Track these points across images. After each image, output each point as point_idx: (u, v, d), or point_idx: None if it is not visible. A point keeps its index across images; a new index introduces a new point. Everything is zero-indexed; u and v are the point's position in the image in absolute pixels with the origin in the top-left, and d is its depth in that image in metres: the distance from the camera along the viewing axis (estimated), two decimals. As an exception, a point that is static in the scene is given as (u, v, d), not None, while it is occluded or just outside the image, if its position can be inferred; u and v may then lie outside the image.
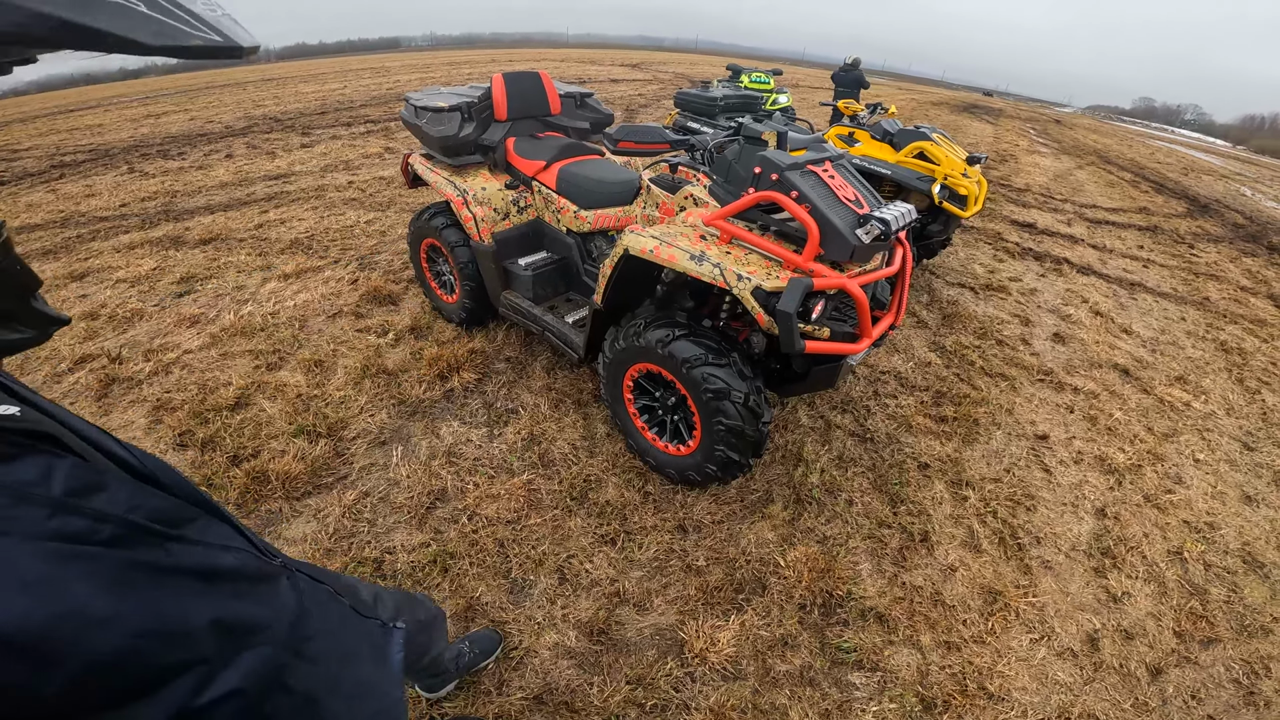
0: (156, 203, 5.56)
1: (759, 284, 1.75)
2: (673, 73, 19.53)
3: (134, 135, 9.38)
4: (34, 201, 5.91)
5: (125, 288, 3.77)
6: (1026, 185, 8.58)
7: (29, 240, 4.76)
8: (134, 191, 5.98)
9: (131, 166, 7.10)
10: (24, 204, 5.85)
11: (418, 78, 16.49)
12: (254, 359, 2.97)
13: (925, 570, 2.10)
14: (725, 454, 2.02)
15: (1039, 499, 2.46)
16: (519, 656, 1.73)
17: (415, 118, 2.84)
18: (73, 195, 6.03)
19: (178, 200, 5.62)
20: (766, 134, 2.09)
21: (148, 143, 8.62)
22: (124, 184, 6.33)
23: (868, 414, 2.84)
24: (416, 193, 5.62)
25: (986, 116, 18.68)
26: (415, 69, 19.85)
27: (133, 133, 9.67)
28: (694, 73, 19.55)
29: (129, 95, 17.65)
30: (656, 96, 13.22)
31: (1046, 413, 3.02)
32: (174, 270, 3.98)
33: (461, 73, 17.71)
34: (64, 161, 7.79)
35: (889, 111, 4.93)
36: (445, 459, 2.41)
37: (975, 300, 4.24)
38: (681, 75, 18.50)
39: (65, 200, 5.86)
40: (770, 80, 7.26)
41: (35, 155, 8.49)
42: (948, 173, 3.88)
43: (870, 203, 1.97)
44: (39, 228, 5.08)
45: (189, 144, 8.33)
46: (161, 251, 4.33)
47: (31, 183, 6.74)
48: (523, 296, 2.74)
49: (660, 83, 16.45)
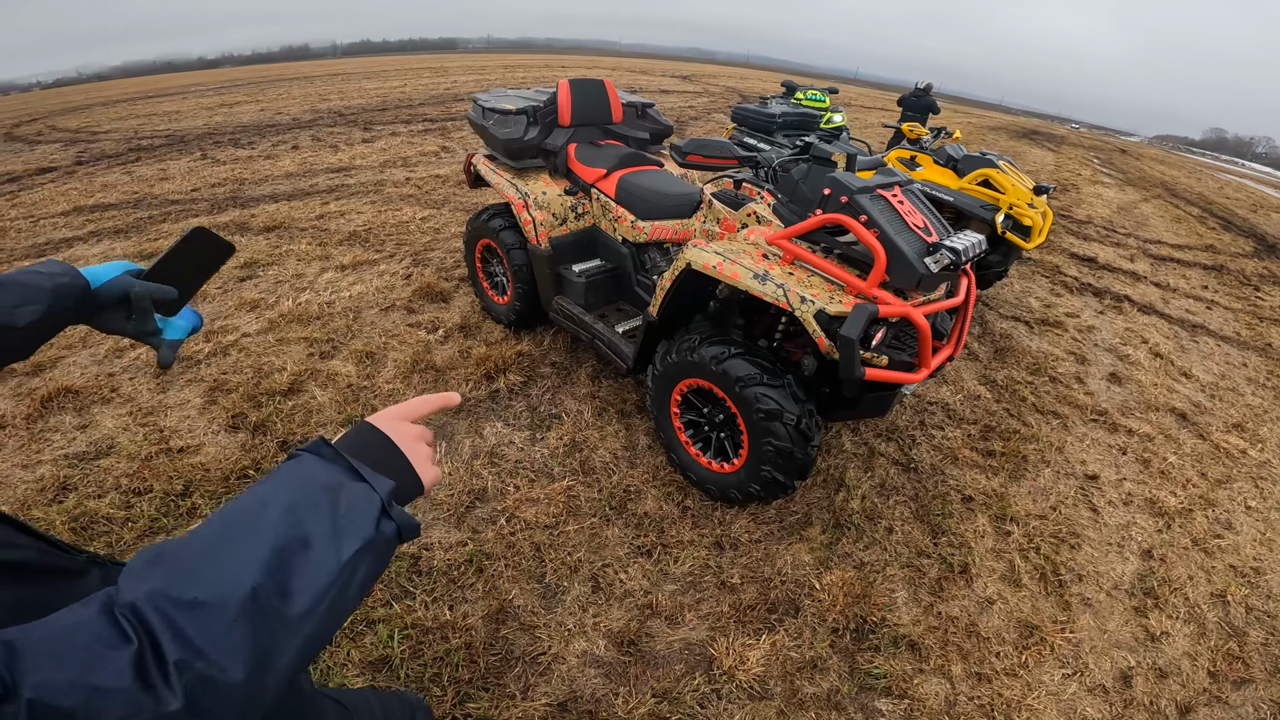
0: (225, 189, 5.81)
1: (822, 307, 1.73)
2: (724, 86, 19.53)
3: (208, 123, 9.84)
4: (109, 182, 6.23)
5: (192, 269, 3.92)
6: (1088, 217, 8.26)
7: (102, 219, 5.01)
8: (205, 177, 6.25)
9: (204, 153, 7.44)
10: (100, 184, 6.17)
11: (474, 79, 16.90)
12: (308, 346, 3.05)
13: (962, 601, 2.06)
14: (771, 474, 2.00)
15: (1084, 537, 2.41)
16: (547, 662, 1.73)
17: (482, 119, 2.89)
18: (147, 178, 6.34)
19: (245, 188, 5.86)
20: (836, 155, 2.06)
21: (220, 131, 9.03)
22: (196, 169, 6.63)
23: (913, 443, 2.78)
24: (470, 191, 5.74)
25: (1048, 143, 18.11)
26: (471, 70, 20.36)
27: (207, 120, 10.15)
28: (745, 87, 19.51)
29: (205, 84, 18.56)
30: (707, 109, 13.22)
31: (1098, 453, 2.95)
32: (238, 255, 4.13)
33: (516, 76, 18.08)
34: (141, 145, 8.21)
35: (954, 136, 4.82)
36: (487, 459, 2.42)
37: (1030, 335, 4.10)
38: (732, 89, 18.47)
39: (139, 182, 6.16)
40: (826, 98, 7.19)
41: (114, 138, 8.97)
42: (1013, 202, 3.76)
43: (939, 231, 1.93)
44: (112, 207, 5.35)
45: (259, 134, 8.68)
46: (227, 236, 4.50)
47: (109, 164, 7.12)
48: (574, 303, 2.74)
49: (711, 95, 16.46)
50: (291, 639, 0.46)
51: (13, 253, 4.32)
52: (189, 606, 0.43)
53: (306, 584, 0.47)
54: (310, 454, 0.55)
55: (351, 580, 0.50)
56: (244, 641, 0.43)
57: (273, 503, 0.50)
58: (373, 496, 0.53)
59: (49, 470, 2.25)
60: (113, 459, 2.32)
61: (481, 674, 1.67)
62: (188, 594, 0.43)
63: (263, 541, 0.47)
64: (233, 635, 0.43)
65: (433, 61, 27.07)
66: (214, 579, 0.44)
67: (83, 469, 2.27)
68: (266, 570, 0.46)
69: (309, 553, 0.48)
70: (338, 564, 0.49)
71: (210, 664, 0.42)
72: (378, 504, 0.53)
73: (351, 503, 0.52)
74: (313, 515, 0.50)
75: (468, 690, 1.63)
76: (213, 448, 2.39)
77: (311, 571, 0.48)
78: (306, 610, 0.47)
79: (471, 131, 8.74)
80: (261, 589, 0.45)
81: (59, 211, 5.28)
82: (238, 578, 0.45)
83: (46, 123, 11.28)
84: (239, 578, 0.45)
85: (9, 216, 5.20)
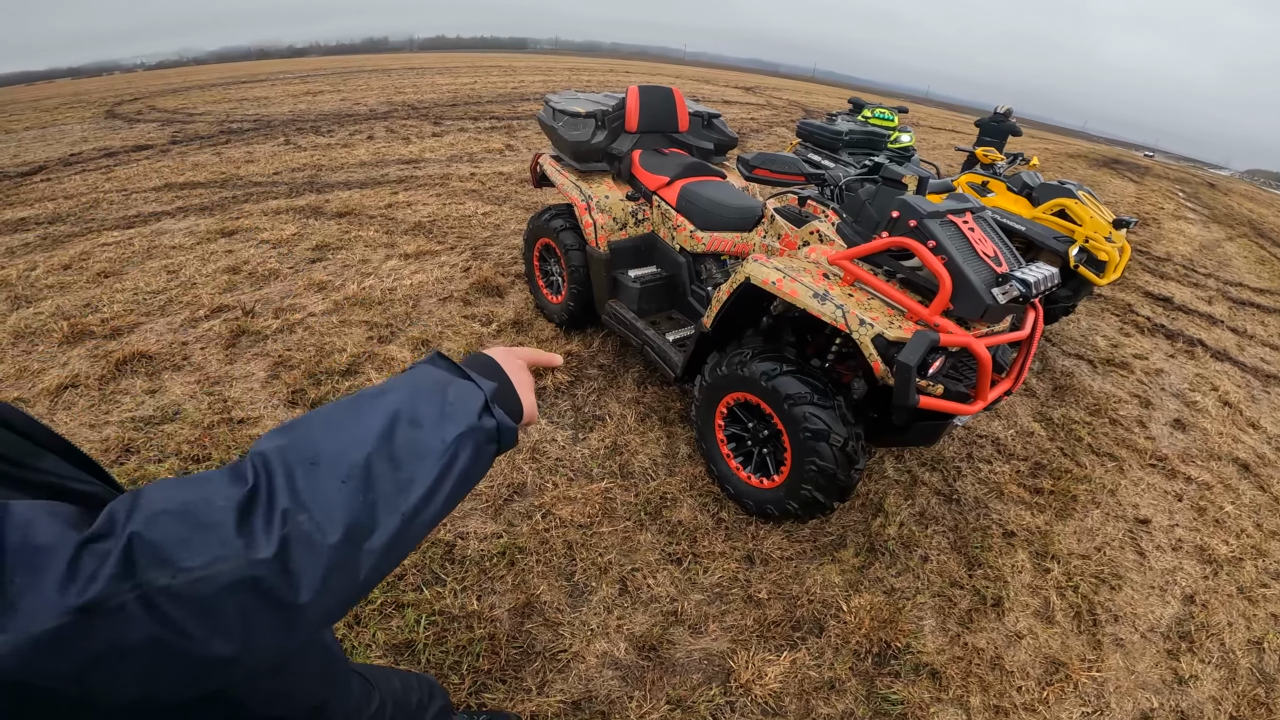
0: (304, 174, 6.11)
1: (881, 331, 1.71)
2: (787, 99, 19.33)
3: (293, 110, 10.39)
4: (200, 162, 6.64)
5: (267, 249, 4.15)
6: (1167, 254, 7.80)
7: (190, 196, 5.35)
8: (286, 162, 6.59)
9: (287, 139, 7.86)
10: (190, 163, 6.59)
11: (540, 79, 17.27)
12: (368, 329, 3.18)
13: (990, 634, 2.03)
14: (811, 494, 1.98)
15: (1126, 579, 2.35)
16: (566, 660, 1.75)
17: (552, 119, 2.95)
18: (234, 160, 6.73)
19: (322, 174, 6.15)
20: (907, 178, 2.02)
21: (303, 118, 9.51)
22: (279, 154, 7.00)
23: (958, 475, 2.72)
24: (530, 190, 5.86)
25: (1130, 174, 17.19)
26: (539, 71, 20.82)
27: (292, 107, 10.71)
28: (809, 102, 19.27)
29: (292, 72, 19.58)
30: (769, 122, 13.12)
31: (1152, 498, 2.84)
32: (311, 238, 4.34)
33: (581, 78, 18.37)
34: (231, 128, 8.72)
35: (1030, 163, 4.63)
36: (529, 455, 2.46)
37: (1092, 374, 3.92)
38: (796, 103, 18.27)
39: (227, 163, 6.55)
40: (894, 117, 7.03)
41: (207, 120, 9.57)
42: (1090, 235, 3.59)
43: (1010, 261, 1.88)
44: (200, 186, 5.70)
45: (338, 122, 9.11)
46: (302, 219, 4.74)
47: (200, 145, 7.60)
48: (627, 308, 2.76)
49: (774, 108, 16.32)
50: (389, 516, 0.50)
51: (103, 223, 4.64)
52: (309, 463, 0.47)
53: (414, 456, 0.52)
54: (427, 362, 0.63)
55: (452, 466, 0.55)
56: (347, 504, 0.47)
57: (392, 391, 0.56)
58: (477, 392, 0.60)
59: (115, 432, 2.39)
60: (177, 425, 2.45)
61: (501, 666, 1.70)
62: (309, 452, 0.48)
63: (380, 416, 0.53)
64: (339, 496, 0.47)
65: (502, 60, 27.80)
66: (335, 443, 0.50)
67: (147, 433, 2.40)
68: (381, 439, 0.51)
69: (419, 430, 0.54)
70: (442, 444, 0.54)
71: (311, 520, 0.45)
72: (481, 398, 0.60)
73: (459, 394, 0.59)
74: (425, 401, 0.56)
75: (485, 681, 1.66)
76: (271, 421, 2.51)
77: (420, 446, 0.53)
78: (409, 481, 0.51)
79: (535, 131, 8.97)
80: (375, 456, 0.50)
81: (150, 187, 5.66)
82: (356, 444, 0.50)
83: (146, 102, 12.14)
84: (357, 444, 0.50)
85: (103, 189, 5.60)
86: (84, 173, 6.30)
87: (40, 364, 2.83)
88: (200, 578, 0.40)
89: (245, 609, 0.42)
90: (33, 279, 3.67)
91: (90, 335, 3.06)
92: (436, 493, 0.53)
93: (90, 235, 4.38)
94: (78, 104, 12.76)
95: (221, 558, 0.41)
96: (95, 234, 4.41)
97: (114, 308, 3.34)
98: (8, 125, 10.10)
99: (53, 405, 2.57)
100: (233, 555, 0.42)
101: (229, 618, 0.41)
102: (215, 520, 0.42)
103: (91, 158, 7.04)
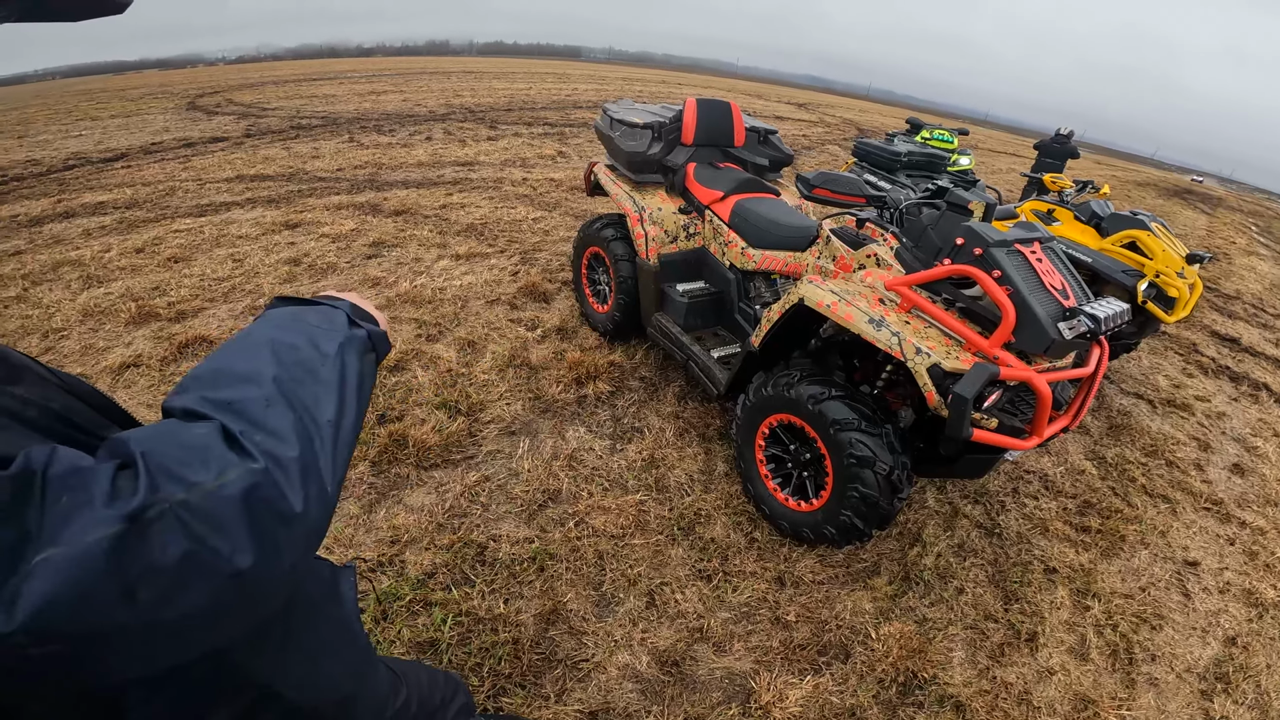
0: (365, 172, 6.33)
1: (938, 361, 1.66)
2: (841, 117, 19.08)
3: (358, 109, 10.80)
4: (270, 155, 6.96)
5: (326, 242, 4.30)
6: (1237, 292, 7.35)
7: (259, 188, 5.60)
8: (350, 159, 6.85)
9: (352, 137, 8.16)
10: (261, 156, 6.91)
11: (594, 88, 17.51)
12: (417, 327, 3.25)
13: (1020, 669, 1.97)
14: (850, 520, 1.94)
15: (1168, 620, 2.29)
16: (587, 669, 1.74)
17: (609, 129, 2.96)
18: (301, 155, 7.03)
19: (382, 172, 6.36)
20: (974, 204, 1.95)
21: (367, 117, 9.88)
22: (343, 151, 7.28)
23: (1001, 509, 2.64)
24: (580, 197, 5.92)
25: (1201, 205, 16.32)
26: (592, 79, 21.11)
27: (358, 106, 11.14)
28: (863, 120, 18.98)
29: (359, 71, 20.39)
30: (822, 140, 12.96)
31: (1204, 541, 2.72)
32: (368, 234, 4.48)
33: (633, 88, 18.56)
34: (300, 124, 9.12)
35: (1100, 191, 4.42)
36: (566, 462, 2.47)
37: (1151, 414, 3.74)
38: (849, 121, 18.01)
39: (295, 158, 6.84)
40: (954, 139, 6.86)
41: (279, 115, 10.02)
42: (1160, 269, 3.41)
43: (1078, 295, 1.80)
44: (269, 179, 5.96)
45: (398, 123, 9.42)
46: (361, 216, 4.90)
47: (271, 139, 7.96)
48: (673, 322, 2.75)
49: (826, 126, 16.13)
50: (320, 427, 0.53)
51: (177, 210, 4.90)
52: (227, 406, 0.50)
53: (309, 374, 0.56)
54: (275, 303, 0.66)
55: (346, 374, 0.59)
56: (283, 418, 0.51)
57: (256, 330, 0.59)
58: (336, 311, 0.65)
59: (171, 414, 2.50)
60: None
61: (522, 671, 1.70)
62: (223, 396, 0.51)
63: (262, 350, 0.56)
64: (272, 414, 0.50)
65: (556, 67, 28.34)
66: (239, 381, 0.53)
67: (201, 416, 2.51)
68: (277, 365, 0.55)
69: (299, 352, 0.57)
70: (328, 357, 0.59)
71: (268, 435, 0.49)
72: (343, 314, 0.65)
73: (320, 317, 0.63)
74: (290, 330, 0.60)
75: (505, 685, 1.66)
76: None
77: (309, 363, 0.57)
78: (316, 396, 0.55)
79: (587, 139, 9.08)
80: (279, 380, 0.53)
81: (223, 178, 5.96)
82: (258, 375, 0.53)
83: (225, 96, 12.81)
84: (259, 376, 0.53)
85: (180, 177, 5.92)
86: (163, 161, 6.68)
87: (105, 342, 2.99)
88: (211, 490, 0.44)
89: (256, 520, 0.45)
90: (106, 260, 3.90)
91: (156, 317, 3.21)
92: (345, 401, 0.57)
93: (164, 222, 4.63)
94: (162, 94, 13.56)
95: (224, 470, 0.45)
96: (169, 221, 4.65)
97: (180, 292, 3.50)
98: (95, 113, 10.80)
99: (114, 383, 2.70)
100: (232, 467, 0.45)
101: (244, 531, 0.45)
102: (204, 444, 0.46)
103: (171, 147, 7.46)
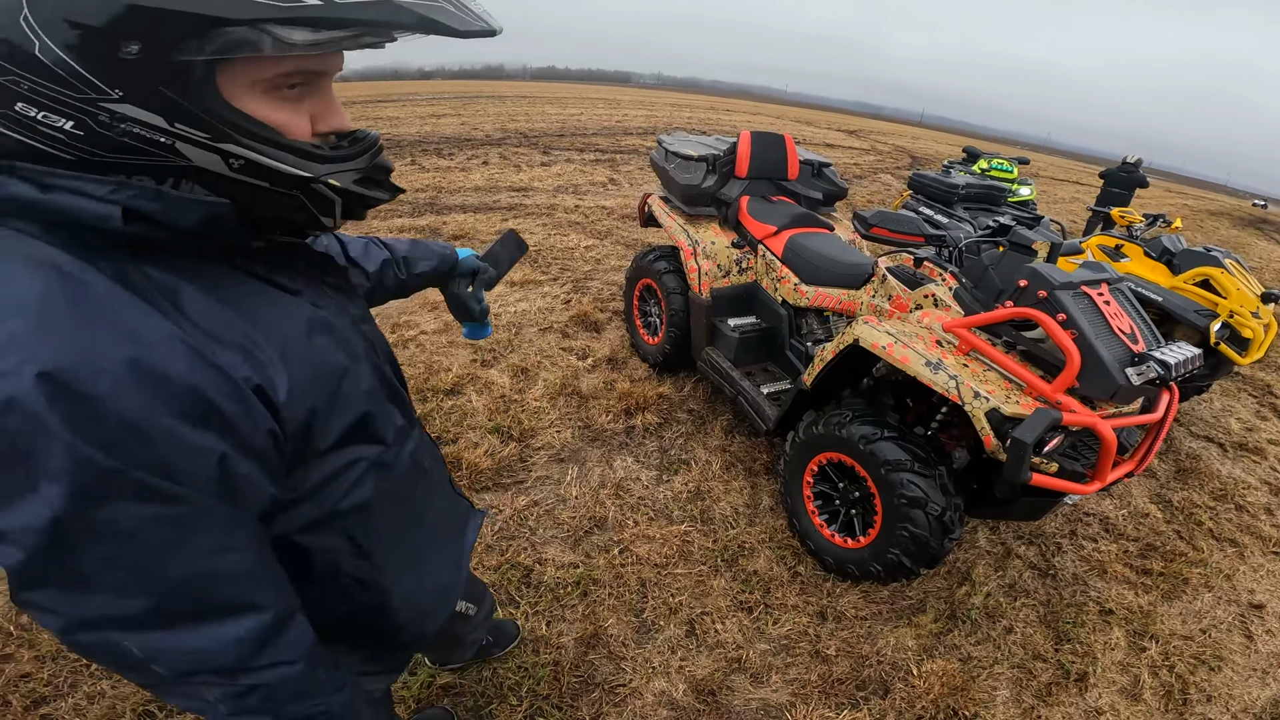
0: (426, 195, 6.61)
1: (997, 406, 1.62)
2: (892, 145, 18.83)
3: (419, 131, 11.30)
4: (340, 177, 7.33)
5: (389, 264, 4.49)
6: (1324, 335, 6.85)
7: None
8: (411, 181, 7.15)
9: (414, 159, 8.55)
10: (331, 179, 7.28)
11: (643, 114, 17.84)
12: (473, 353, 3.35)
13: (1067, 709, 1.92)
14: (899, 558, 1.92)
15: (1228, 661, 2.23)
16: (624, 695, 1.75)
17: (664, 161, 3.02)
18: (367, 177, 7.38)
19: (442, 195, 6.63)
20: (1038, 244, 1.91)
21: (428, 140, 10.32)
22: (406, 173, 7.62)
23: (1057, 550, 2.56)
24: (631, 226, 6.02)
25: (1277, 236, 15.35)
26: (641, 105, 21.52)
27: (419, 128, 11.65)
28: (916, 148, 18.68)
29: (420, 94, 21.34)
30: (873, 169, 12.81)
31: (1270, 585, 2.62)
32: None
33: (682, 115, 18.83)
34: (366, 148, 9.60)
35: (1172, 226, 4.22)
36: (613, 490, 2.50)
37: (1222, 458, 3.55)
38: (902, 149, 17.76)
39: (360, 181, 7.19)
40: (1013, 168, 6.68)
41: (347, 139, 10.57)
42: (1234, 309, 3.24)
43: (1148, 339, 1.74)
44: (339, 200, 6.29)
45: (457, 146, 9.81)
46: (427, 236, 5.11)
47: (340, 162, 8.39)
48: (724, 356, 2.76)
49: (878, 154, 15.94)
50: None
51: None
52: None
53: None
54: None
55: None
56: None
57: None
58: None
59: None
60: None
61: (559, 693, 1.72)
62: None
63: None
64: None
65: (607, 92, 29.01)
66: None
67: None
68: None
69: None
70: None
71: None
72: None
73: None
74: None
75: (541, 705, 1.69)
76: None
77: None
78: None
79: (638, 166, 9.24)
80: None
81: (298, 198, 6.31)
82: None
83: (298, 120, 13.58)
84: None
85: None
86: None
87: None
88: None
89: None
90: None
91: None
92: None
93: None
94: (242, 119, 14.47)
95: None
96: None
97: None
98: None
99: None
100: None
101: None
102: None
103: (249, 169, 7.95)
